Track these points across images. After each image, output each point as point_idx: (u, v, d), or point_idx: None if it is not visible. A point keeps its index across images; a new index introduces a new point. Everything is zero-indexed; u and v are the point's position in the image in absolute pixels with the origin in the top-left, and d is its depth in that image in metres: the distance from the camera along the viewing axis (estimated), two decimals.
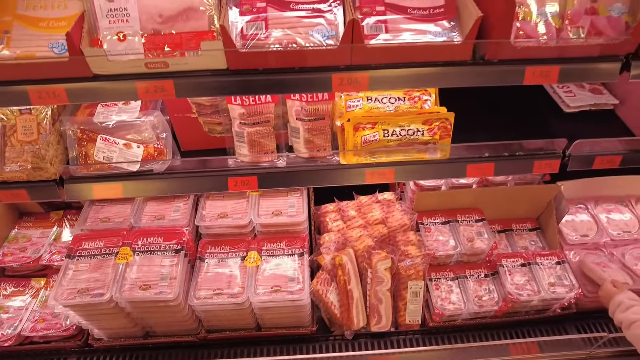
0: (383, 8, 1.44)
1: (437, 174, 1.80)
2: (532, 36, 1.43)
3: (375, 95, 1.83)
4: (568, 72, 1.46)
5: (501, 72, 1.44)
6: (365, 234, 1.77)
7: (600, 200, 2.11)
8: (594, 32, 1.43)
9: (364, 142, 1.73)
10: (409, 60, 1.40)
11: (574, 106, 1.94)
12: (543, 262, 1.82)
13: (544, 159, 1.81)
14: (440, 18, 1.45)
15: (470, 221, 1.90)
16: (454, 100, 2.07)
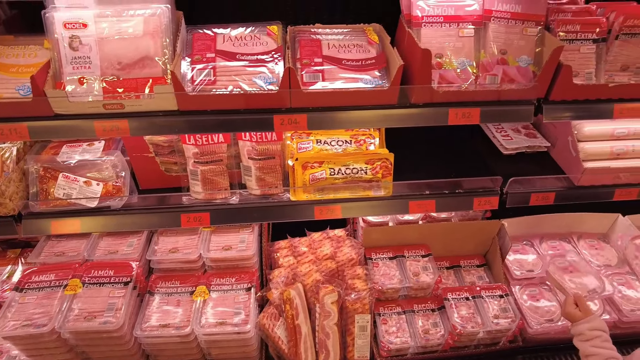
0: (321, 60, 1.63)
1: (382, 210, 1.91)
2: (453, 82, 1.61)
3: (324, 138, 1.97)
4: (488, 114, 1.62)
5: (427, 114, 1.60)
6: (314, 269, 1.83)
7: (545, 237, 2.21)
8: (507, 79, 1.61)
9: (312, 179, 1.84)
10: (343, 104, 1.56)
11: (510, 148, 2.10)
12: (487, 295, 1.87)
13: (483, 196, 1.93)
14: (371, 68, 1.63)
15: (417, 256, 1.97)
16: (402, 142, 2.23)
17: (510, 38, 1.60)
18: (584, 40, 1.65)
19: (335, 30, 1.75)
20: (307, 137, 1.98)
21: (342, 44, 1.67)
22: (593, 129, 1.95)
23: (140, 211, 1.79)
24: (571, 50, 1.66)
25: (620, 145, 1.96)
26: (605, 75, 1.70)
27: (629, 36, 1.64)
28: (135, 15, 1.51)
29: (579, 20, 1.63)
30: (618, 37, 1.64)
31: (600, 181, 1.96)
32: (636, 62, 1.69)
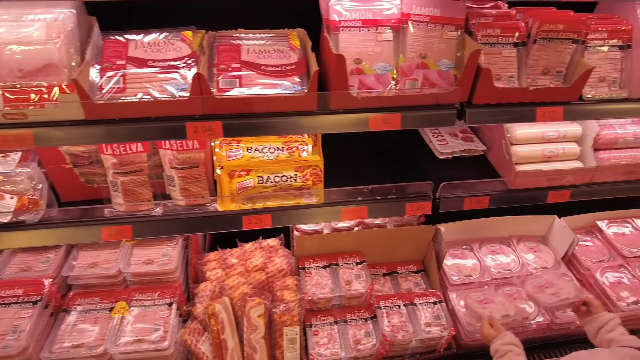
0: (239, 65, 1.58)
1: (313, 218, 1.87)
2: (372, 88, 1.58)
3: (256, 145, 1.92)
4: (410, 119, 1.60)
5: (347, 121, 1.57)
6: (243, 282, 1.77)
7: (485, 241, 2.21)
8: (428, 83, 1.60)
9: (240, 188, 1.79)
10: (259, 110, 1.51)
11: (446, 152, 2.09)
12: (421, 303, 1.85)
13: (416, 202, 1.91)
14: (291, 74, 1.59)
15: (351, 264, 1.94)
16: (339, 148, 2.20)
17: (430, 42, 1.58)
18: (505, 44, 1.65)
19: (258, 35, 1.71)
20: (237, 144, 1.92)
21: (263, 49, 1.63)
22: (525, 132, 1.96)
23: (57, 225, 1.70)
24: (493, 54, 1.65)
25: (551, 147, 1.98)
26: (528, 78, 1.70)
27: (546, 40, 1.65)
28: (35, 20, 1.44)
29: (499, 25, 1.63)
30: (536, 41, 1.64)
31: (534, 184, 1.97)
32: (556, 66, 1.70)
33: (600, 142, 2.02)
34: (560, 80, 1.73)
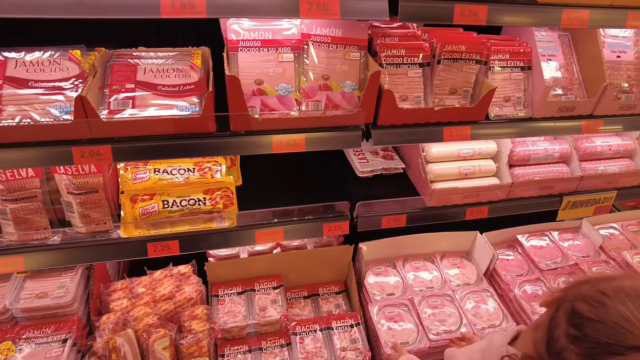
0: (133, 85, 1.50)
1: (226, 242, 1.80)
2: (275, 109, 1.54)
3: (164, 167, 1.84)
4: (314, 141, 1.56)
5: (249, 143, 1.52)
6: (149, 312, 1.67)
7: (409, 258, 2.21)
8: (332, 105, 1.58)
9: (143, 213, 1.70)
10: (153, 133, 1.44)
11: (365, 171, 2.08)
12: (338, 327, 1.81)
13: (333, 222, 1.88)
14: (189, 94, 1.52)
15: (268, 289, 1.87)
16: (260, 168, 2.16)
17: (332, 63, 1.56)
18: (411, 65, 1.65)
19: (160, 54, 1.64)
20: (144, 166, 1.84)
21: (161, 68, 1.56)
22: (440, 150, 1.98)
23: None
24: (399, 75, 1.65)
25: (467, 165, 2.00)
26: (435, 98, 1.72)
27: (450, 61, 1.66)
28: None
29: (403, 45, 1.63)
30: (440, 61, 1.65)
31: (451, 201, 1.98)
32: (463, 86, 1.72)
33: (514, 159, 2.07)
34: (468, 100, 1.75)
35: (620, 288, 0.96)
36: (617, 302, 0.93)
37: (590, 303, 0.96)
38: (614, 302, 0.93)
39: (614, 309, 0.92)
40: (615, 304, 0.93)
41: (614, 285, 0.97)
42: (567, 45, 1.95)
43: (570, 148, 2.15)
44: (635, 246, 2.32)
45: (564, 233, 2.37)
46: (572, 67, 1.93)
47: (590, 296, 0.98)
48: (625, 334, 0.89)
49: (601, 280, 1.02)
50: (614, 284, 0.98)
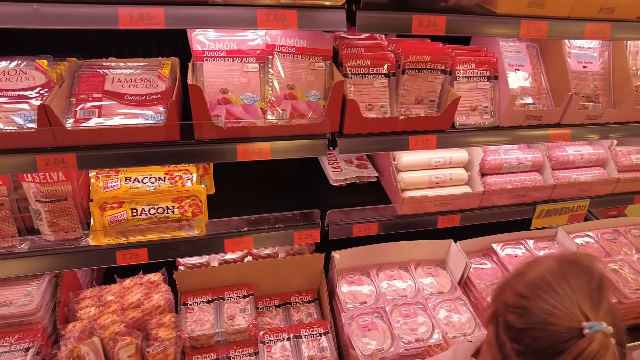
0: (100, 95, 1.52)
1: (195, 250, 1.80)
2: (240, 118, 1.56)
3: (135, 175, 1.85)
4: (279, 149, 1.58)
5: (214, 151, 1.53)
6: (117, 320, 1.67)
7: (383, 267, 2.21)
8: (297, 114, 1.60)
9: (112, 221, 1.71)
10: (118, 141, 1.46)
11: (339, 179, 2.10)
12: (307, 335, 1.80)
13: (304, 230, 1.88)
14: (156, 103, 1.55)
15: (238, 297, 1.87)
16: (235, 176, 2.17)
17: (297, 73, 1.59)
18: (376, 75, 1.68)
19: (130, 64, 1.67)
20: (115, 174, 1.85)
21: (129, 78, 1.58)
22: (410, 159, 1.99)
23: None
24: (365, 84, 1.68)
25: (438, 173, 2.02)
26: (402, 107, 1.74)
27: (415, 71, 1.69)
28: None
29: (368, 56, 1.66)
30: (405, 71, 1.68)
31: (423, 209, 1.99)
32: (429, 95, 1.75)
33: (486, 168, 2.08)
34: (435, 109, 1.78)
35: (532, 283, 0.96)
36: (535, 300, 0.93)
37: (516, 312, 0.97)
38: (533, 302, 0.93)
39: (537, 309, 0.92)
40: (534, 303, 0.93)
41: (527, 282, 0.97)
42: (535, 56, 1.98)
43: (542, 156, 2.17)
44: (609, 254, 2.33)
45: (540, 242, 2.38)
46: (540, 77, 1.96)
47: (514, 304, 0.98)
48: (556, 329, 0.89)
49: (516, 280, 1.02)
50: (527, 280, 0.98)
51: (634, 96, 1.91)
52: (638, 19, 1.66)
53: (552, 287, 0.93)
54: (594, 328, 0.88)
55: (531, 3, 1.51)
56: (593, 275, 0.96)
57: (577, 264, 0.99)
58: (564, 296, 0.91)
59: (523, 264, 1.05)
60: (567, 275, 0.95)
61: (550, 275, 0.96)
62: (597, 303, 0.91)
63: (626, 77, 1.94)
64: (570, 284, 0.93)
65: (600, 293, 0.93)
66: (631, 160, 2.28)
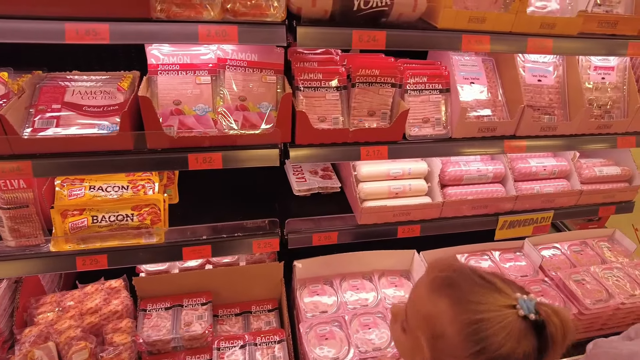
0: (59, 106, 1.60)
1: (153, 258, 1.85)
2: (192, 128, 1.62)
3: (100, 184, 1.91)
4: (231, 158, 1.64)
5: (166, 160, 1.59)
6: (74, 325, 1.71)
7: (347, 277, 2.23)
8: (249, 124, 1.66)
9: (73, 228, 1.76)
10: (72, 149, 1.52)
11: (302, 189, 2.14)
12: (262, 342, 1.82)
13: (263, 239, 1.92)
14: (113, 114, 1.61)
15: (196, 305, 1.90)
16: (200, 186, 2.23)
17: (249, 85, 1.65)
18: (328, 88, 1.74)
19: (93, 77, 1.74)
20: (80, 183, 1.91)
21: (90, 90, 1.66)
22: (370, 170, 2.04)
23: None
24: (317, 97, 1.74)
25: (397, 184, 2.06)
26: (355, 120, 1.79)
27: (366, 84, 1.75)
28: None
29: (320, 70, 1.72)
30: (355, 85, 1.74)
31: (382, 219, 2.02)
32: (381, 108, 1.80)
33: (446, 179, 2.12)
34: (387, 121, 1.82)
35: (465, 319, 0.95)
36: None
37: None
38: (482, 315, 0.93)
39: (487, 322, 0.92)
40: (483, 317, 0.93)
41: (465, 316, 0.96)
42: (492, 69, 2.04)
43: (505, 168, 2.20)
44: (574, 265, 2.33)
45: (506, 253, 2.39)
46: (496, 90, 2.01)
47: (465, 333, 0.95)
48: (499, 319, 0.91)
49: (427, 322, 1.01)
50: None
51: (587, 109, 1.95)
52: (579, 35, 1.71)
53: (478, 298, 0.95)
54: (523, 303, 0.92)
55: (472, 18, 1.57)
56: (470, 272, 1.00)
57: (456, 272, 1.01)
58: (487, 294, 0.94)
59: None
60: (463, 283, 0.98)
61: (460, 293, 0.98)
62: (506, 285, 0.96)
63: (579, 91, 1.99)
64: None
65: (492, 279, 0.98)
66: (594, 172, 2.30)
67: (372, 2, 1.44)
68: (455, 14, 1.54)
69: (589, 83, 2.04)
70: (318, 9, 1.43)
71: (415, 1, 1.49)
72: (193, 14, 1.37)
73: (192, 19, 1.37)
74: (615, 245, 2.51)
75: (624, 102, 2.09)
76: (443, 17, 1.53)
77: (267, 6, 1.40)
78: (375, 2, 1.44)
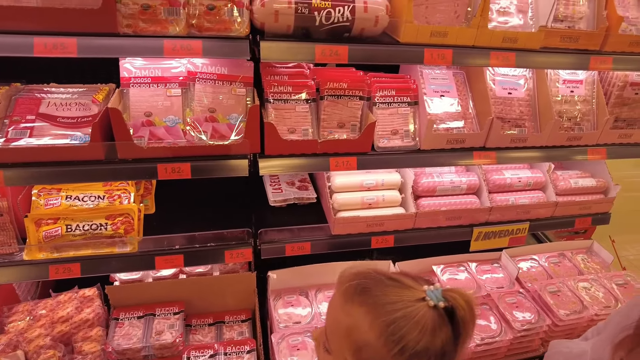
0: (34, 117, 1.64)
1: (126, 266, 1.87)
2: (162, 139, 1.67)
3: (76, 194, 1.95)
4: (200, 169, 1.67)
5: (136, 170, 1.63)
6: (44, 333, 1.72)
7: (322, 288, 2.24)
8: (218, 135, 1.70)
9: (47, 237, 1.79)
10: (44, 159, 1.56)
11: (277, 200, 2.17)
12: (232, 352, 1.82)
13: (235, 249, 1.95)
14: (85, 125, 1.66)
15: (169, 314, 1.91)
16: (177, 195, 2.25)
17: (218, 97, 1.70)
18: (298, 100, 1.78)
19: (70, 89, 1.79)
20: (57, 192, 1.95)
21: (65, 102, 1.71)
22: (343, 181, 2.07)
23: None
24: (287, 109, 1.78)
25: (370, 195, 2.08)
26: (325, 131, 1.83)
27: (334, 97, 1.79)
28: None
29: (290, 82, 1.77)
30: (324, 97, 1.78)
31: (356, 229, 2.04)
32: (350, 120, 1.84)
33: (420, 190, 2.14)
34: (357, 132, 1.86)
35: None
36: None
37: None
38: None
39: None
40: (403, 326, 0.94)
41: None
42: (462, 83, 2.08)
43: (479, 180, 2.23)
44: (551, 277, 2.33)
45: (483, 264, 2.39)
46: (466, 103, 2.05)
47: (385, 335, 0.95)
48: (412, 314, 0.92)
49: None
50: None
51: (556, 121, 1.99)
52: (542, 49, 1.76)
53: (390, 298, 0.96)
54: (431, 293, 0.95)
55: (433, 33, 1.62)
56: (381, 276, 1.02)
57: (365, 278, 1.02)
58: (397, 293, 0.96)
59: None
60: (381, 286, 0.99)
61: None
62: (413, 280, 0.98)
63: (548, 103, 2.02)
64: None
65: (400, 277, 1.00)
66: (570, 184, 2.32)
67: (333, 17, 1.49)
68: (417, 28, 1.59)
69: (557, 96, 2.08)
70: (281, 24, 1.48)
71: (377, 17, 1.54)
72: (159, 29, 1.42)
73: (158, 33, 1.42)
74: (593, 257, 2.51)
75: (593, 115, 2.13)
76: (405, 31, 1.58)
77: (231, 21, 1.46)
78: (336, 17, 1.49)
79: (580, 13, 1.84)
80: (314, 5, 1.47)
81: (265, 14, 1.46)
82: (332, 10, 1.48)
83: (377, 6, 1.54)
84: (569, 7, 1.82)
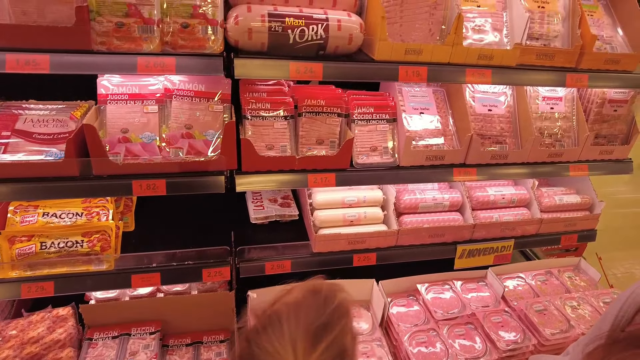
0: (9, 133, 1.64)
1: (102, 285, 1.84)
2: (138, 155, 1.66)
3: (54, 210, 1.93)
4: (175, 185, 1.66)
5: (109, 186, 1.62)
6: (12, 355, 1.68)
7: None
8: (194, 152, 1.69)
9: (20, 254, 1.77)
10: (18, 175, 1.55)
11: (259, 217, 2.15)
12: None
13: (213, 267, 1.92)
14: (62, 142, 1.66)
15: (145, 334, 1.87)
16: (159, 212, 2.23)
17: (195, 114, 1.70)
18: (276, 117, 1.79)
19: (49, 106, 1.80)
20: (34, 209, 1.93)
21: (42, 118, 1.71)
22: (325, 198, 2.06)
23: None
24: (265, 126, 1.78)
25: (352, 212, 2.07)
26: (304, 148, 1.83)
27: (312, 114, 1.80)
28: None
29: (268, 100, 1.78)
30: (302, 114, 1.79)
31: (337, 247, 2.02)
32: (329, 137, 1.84)
33: (402, 207, 2.13)
34: (336, 149, 1.86)
35: (271, 314, 0.92)
36: (261, 335, 0.88)
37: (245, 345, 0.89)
38: (260, 336, 0.88)
39: (257, 347, 0.87)
40: (260, 339, 0.88)
41: (268, 314, 0.92)
42: (442, 100, 2.09)
43: (462, 197, 2.22)
44: (538, 295, 2.29)
45: (468, 283, 2.36)
46: (447, 120, 2.06)
47: (248, 337, 0.90)
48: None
49: (265, 308, 0.96)
50: (271, 310, 0.93)
51: (536, 137, 1.99)
52: (518, 66, 1.77)
53: (281, 322, 0.89)
54: None
55: (408, 50, 1.64)
56: (327, 308, 0.92)
57: (319, 295, 0.95)
58: (285, 333, 0.87)
59: (283, 290, 1.00)
60: (301, 308, 0.92)
61: (287, 307, 0.92)
62: (314, 344, 0.86)
63: (528, 120, 2.03)
64: (298, 319, 0.89)
65: (326, 331, 0.88)
66: (554, 200, 2.31)
67: (307, 35, 1.51)
68: (391, 46, 1.60)
69: (537, 113, 2.09)
70: (254, 42, 1.49)
71: (351, 35, 1.56)
72: (133, 47, 1.43)
73: (132, 51, 1.43)
74: (581, 275, 2.48)
75: (574, 132, 2.13)
76: (379, 49, 1.60)
77: (205, 39, 1.47)
78: (310, 35, 1.51)
79: (555, 32, 1.86)
80: (287, 24, 1.49)
81: (239, 32, 1.48)
82: (305, 29, 1.50)
83: (351, 24, 1.56)
84: (544, 26, 1.85)
